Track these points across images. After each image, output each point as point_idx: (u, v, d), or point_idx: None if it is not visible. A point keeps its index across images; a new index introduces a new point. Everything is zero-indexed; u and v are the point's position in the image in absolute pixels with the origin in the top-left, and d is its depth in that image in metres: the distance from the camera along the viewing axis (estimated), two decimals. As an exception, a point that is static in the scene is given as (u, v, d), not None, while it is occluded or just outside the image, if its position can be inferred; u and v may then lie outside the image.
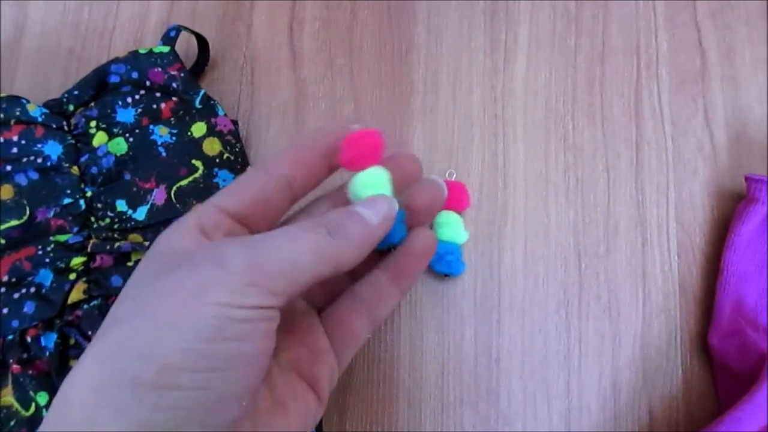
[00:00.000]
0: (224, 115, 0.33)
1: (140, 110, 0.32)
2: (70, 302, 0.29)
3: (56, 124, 0.31)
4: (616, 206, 0.34)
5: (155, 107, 0.32)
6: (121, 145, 0.31)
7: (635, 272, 0.33)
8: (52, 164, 0.30)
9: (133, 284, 0.20)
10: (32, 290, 0.29)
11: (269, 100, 0.35)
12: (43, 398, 0.28)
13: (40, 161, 0.30)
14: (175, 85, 0.32)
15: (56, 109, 0.32)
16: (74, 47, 0.36)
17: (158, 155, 0.31)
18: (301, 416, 0.22)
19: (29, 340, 0.28)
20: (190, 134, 0.32)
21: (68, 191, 0.30)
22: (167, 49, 0.33)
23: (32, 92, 0.33)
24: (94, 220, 0.30)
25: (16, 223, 0.29)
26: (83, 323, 0.29)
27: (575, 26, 0.37)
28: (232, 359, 0.18)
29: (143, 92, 0.32)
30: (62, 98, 0.32)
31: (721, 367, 0.31)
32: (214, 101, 0.33)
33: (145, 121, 0.32)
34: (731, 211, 0.33)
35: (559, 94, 0.36)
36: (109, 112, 0.32)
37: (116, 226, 0.30)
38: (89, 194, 0.31)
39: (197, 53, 0.35)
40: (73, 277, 0.29)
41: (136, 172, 0.31)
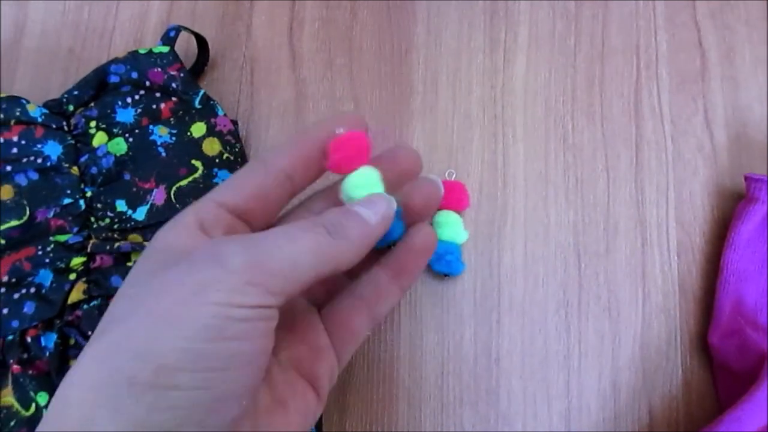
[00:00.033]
0: (224, 115, 0.33)
1: (140, 110, 0.32)
2: (70, 302, 0.29)
3: (56, 124, 0.31)
4: (615, 206, 0.34)
5: (155, 107, 0.32)
6: (120, 145, 0.31)
7: (635, 272, 0.33)
8: (52, 164, 0.30)
9: (131, 282, 0.20)
10: (32, 290, 0.29)
11: (269, 100, 0.36)
12: (43, 398, 0.28)
13: (40, 161, 0.30)
14: (174, 85, 0.32)
15: (56, 109, 0.32)
16: (74, 47, 0.36)
17: (158, 155, 0.31)
18: (301, 415, 0.22)
19: (29, 340, 0.28)
20: (189, 134, 0.32)
21: (68, 191, 0.30)
22: (167, 49, 0.33)
23: (32, 92, 0.33)
24: (93, 220, 0.30)
25: (16, 223, 0.29)
26: (83, 323, 0.29)
27: (575, 26, 0.37)
28: (231, 359, 0.18)
29: (143, 92, 0.32)
30: (62, 98, 0.32)
31: (721, 366, 0.31)
32: (213, 101, 0.33)
33: (144, 121, 0.32)
34: (731, 210, 0.33)
35: (558, 93, 0.36)
36: (108, 112, 0.32)
37: (116, 226, 0.30)
38: (89, 194, 0.31)
39: (197, 53, 0.35)
40: (73, 277, 0.29)
41: (135, 172, 0.31)
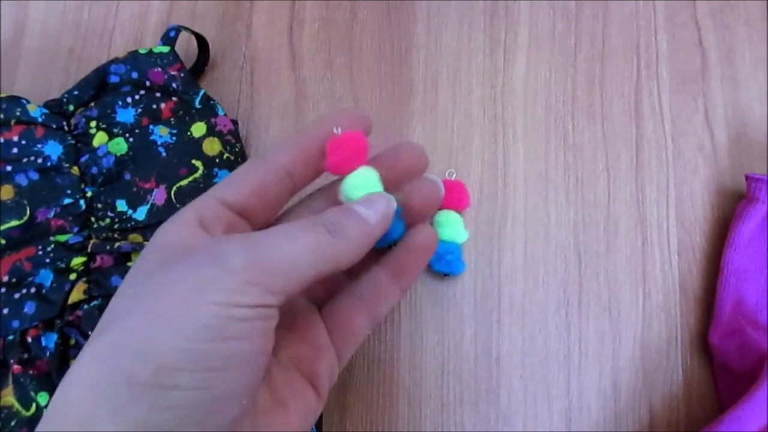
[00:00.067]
0: (224, 115, 0.33)
1: (140, 110, 0.32)
2: (70, 302, 0.29)
3: (56, 124, 0.31)
4: (616, 206, 0.34)
5: (155, 107, 0.32)
6: (121, 145, 0.31)
7: (635, 271, 0.33)
8: (52, 164, 0.30)
9: (131, 281, 0.20)
10: (32, 290, 0.29)
11: (269, 100, 0.36)
12: (43, 398, 0.28)
13: (40, 161, 0.30)
14: (175, 85, 0.32)
15: (56, 109, 0.32)
16: (74, 47, 0.36)
17: (158, 155, 0.31)
18: (301, 414, 0.22)
19: (30, 340, 0.28)
20: (190, 134, 0.32)
21: (68, 191, 0.30)
22: (167, 49, 0.33)
23: (32, 92, 0.33)
24: (94, 220, 0.30)
25: (16, 223, 0.29)
26: (83, 323, 0.29)
27: (575, 26, 0.37)
28: (231, 358, 0.18)
29: (143, 92, 0.32)
30: (62, 98, 0.32)
31: (721, 366, 0.31)
32: (213, 101, 0.33)
33: (145, 121, 0.32)
34: (731, 210, 0.33)
35: (559, 93, 0.36)
36: (109, 112, 0.32)
37: (116, 226, 0.30)
38: (89, 194, 0.31)
39: (197, 53, 0.35)
40: (73, 277, 0.29)
41: (136, 172, 0.31)
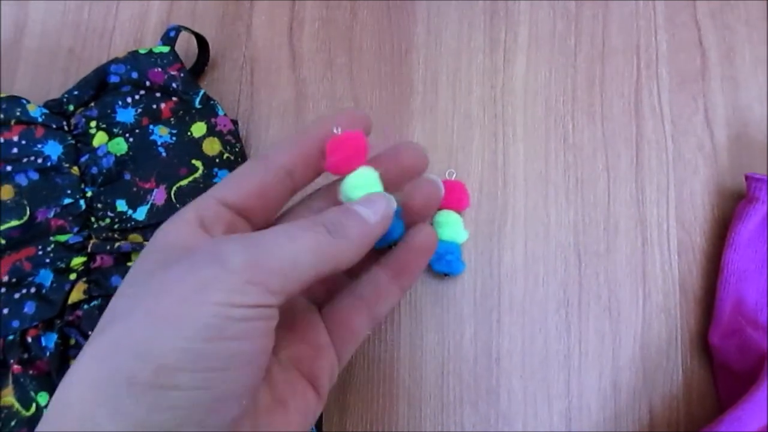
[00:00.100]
0: (224, 115, 0.33)
1: (140, 110, 0.32)
2: (70, 302, 0.29)
3: (56, 124, 0.31)
4: (616, 206, 0.34)
5: (155, 107, 0.32)
6: (121, 145, 0.31)
7: (635, 272, 0.33)
8: (52, 164, 0.30)
9: (131, 281, 0.20)
10: (32, 290, 0.29)
11: (269, 100, 0.36)
12: (43, 398, 0.28)
13: (40, 161, 0.30)
14: (175, 85, 0.32)
15: (56, 109, 0.32)
16: (74, 47, 0.36)
17: (158, 155, 0.31)
18: (301, 414, 0.22)
19: (30, 340, 0.28)
20: (190, 134, 0.32)
21: (68, 191, 0.30)
22: (167, 49, 0.33)
23: (32, 92, 0.33)
24: (94, 220, 0.30)
25: (16, 223, 0.29)
26: (83, 323, 0.29)
27: (575, 26, 0.37)
28: (231, 358, 0.18)
29: (143, 92, 0.32)
30: (62, 98, 0.32)
31: (721, 366, 0.31)
32: (213, 101, 0.33)
33: (145, 121, 0.32)
34: (731, 210, 0.33)
35: (559, 93, 0.36)
36: (109, 112, 0.32)
37: (116, 226, 0.30)
38: (89, 194, 0.31)
39: (197, 53, 0.35)
40: (73, 277, 0.29)
41: (136, 172, 0.31)
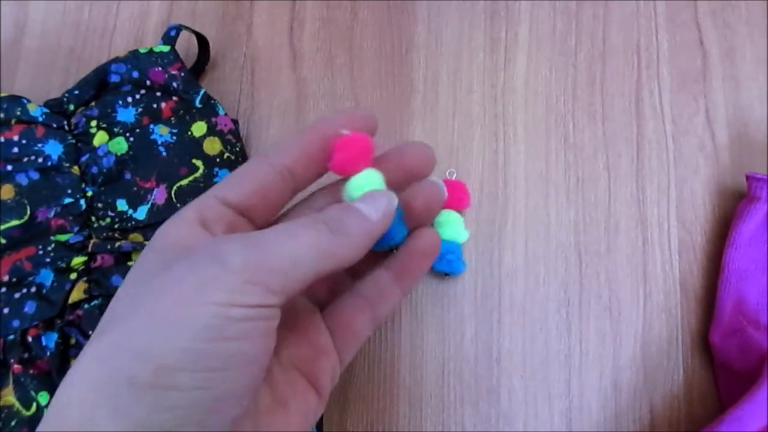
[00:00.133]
0: (224, 114, 0.33)
1: (141, 110, 0.32)
2: (70, 302, 0.29)
3: (57, 123, 0.31)
4: (616, 205, 0.34)
5: (156, 107, 0.32)
6: (121, 144, 0.31)
7: (636, 271, 0.33)
8: (52, 164, 0.30)
9: (131, 281, 0.20)
10: (33, 290, 0.29)
11: (270, 99, 0.35)
12: (44, 398, 0.28)
13: (40, 161, 0.30)
14: (175, 84, 0.32)
15: (57, 108, 0.32)
16: (75, 47, 0.36)
17: (159, 155, 0.31)
18: (302, 414, 0.22)
19: (30, 339, 0.28)
20: (190, 134, 0.32)
21: (69, 191, 0.30)
22: (167, 48, 0.33)
23: (33, 92, 0.33)
24: (94, 219, 0.30)
25: (16, 222, 0.29)
26: (84, 323, 0.29)
27: (576, 25, 0.37)
28: (231, 359, 0.18)
29: (144, 92, 0.32)
30: (63, 98, 0.32)
31: (722, 366, 0.31)
32: (214, 101, 0.33)
33: (145, 120, 0.32)
34: (732, 209, 0.33)
35: (559, 93, 0.36)
36: (109, 111, 0.32)
37: (117, 225, 0.30)
38: (90, 194, 0.31)
39: (197, 53, 0.35)
40: (73, 276, 0.29)
41: (136, 171, 0.31)
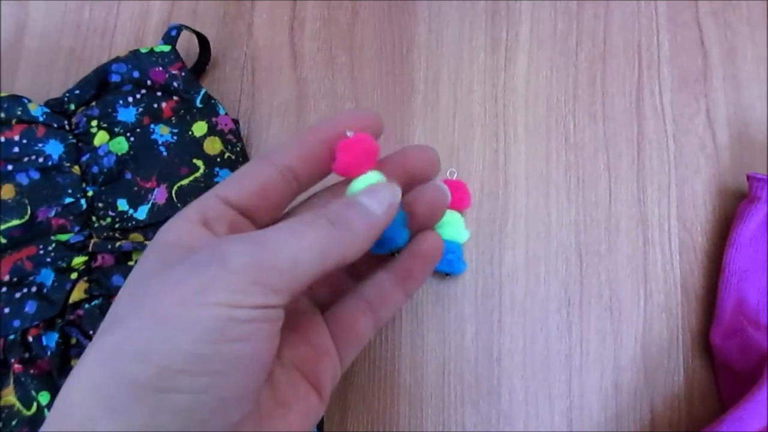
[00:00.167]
0: (225, 114, 0.33)
1: (141, 109, 0.32)
2: (71, 302, 0.29)
3: (57, 123, 0.31)
4: (617, 205, 0.34)
5: (156, 106, 0.32)
6: (122, 144, 0.31)
7: (637, 271, 0.33)
8: (53, 164, 0.30)
9: (133, 281, 0.20)
10: (33, 290, 0.29)
11: (270, 99, 0.35)
12: (44, 398, 0.28)
13: (41, 161, 0.30)
14: (176, 84, 0.32)
15: (57, 108, 0.32)
16: (75, 47, 0.36)
17: (159, 154, 0.31)
18: (303, 416, 0.22)
19: (31, 339, 0.28)
20: (191, 133, 0.32)
21: (69, 191, 0.30)
22: (168, 48, 0.33)
23: (33, 92, 0.33)
24: (95, 219, 0.30)
25: (17, 222, 0.29)
26: (84, 323, 0.29)
27: (576, 25, 0.37)
28: (234, 361, 0.18)
29: (144, 91, 0.32)
30: (63, 98, 0.32)
31: (722, 366, 0.31)
32: (215, 100, 0.33)
33: (146, 120, 0.32)
34: (733, 209, 0.33)
35: (560, 93, 0.35)
36: (110, 111, 0.32)
37: (117, 225, 0.30)
38: (90, 194, 0.31)
39: (198, 52, 0.35)
40: (74, 276, 0.29)
41: (137, 171, 0.31)
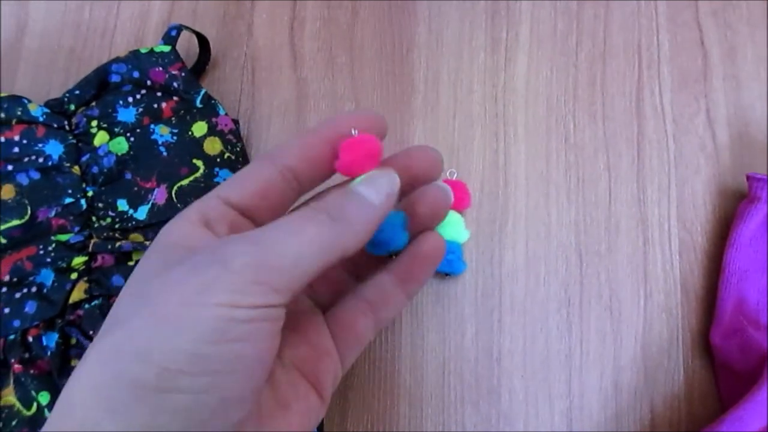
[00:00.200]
0: (225, 114, 0.33)
1: (141, 110, 0.32)
2: (71, 302, 0.29)
3: (57, 123, 0.31)
4: (617, 205, 0.34)
5: (156, 107, 0.32)
6: (122, 144, 0.31)
7: (637, 271, 0.33)
8: (53, 164, 0.30)
9: (134, 282, 0.20)
10: (33, 290, 0.29)
11: (270, 99, 0.35)
12: (44, 398, 0.28)
13: (41, 161, 0.30)
14: (176, 84, 0.32)
15: (57, 108, 0.32)
16: (75, 47, 0.36)
17: (159, 155, 0.31)
18: (303, 416, 0.22)
19: (31, 339, 0.28)
20: (191, 134, 0.32)
21: (69, 191, 0.30)
22: (168, 48, 0.33)
23: (33, 92, 0.33)
24: (95, 219, 0.30)
25: (17, 222, 0.29)
26: (84, 323, 0.29)
27: (576, 25, 0.37)
28: (235, 361, 0.18)
29: (144, 92, 0.32)
30: (63, 98, 0.32)
31: (722, 366, 0.31)
32: (214, 100, 0.33)
33: (146, 120, 0.32)
34: (733, 209, 0.33)
35: (560, 93, 0.35)
36: (110, 111, 0.32)
37: (117, 225, 0.30)
38: (90, 194, 0.31)
39: (198, 52, 0.35)
40: (74, 276, 0.29)
41: (137, 171, 0.31)
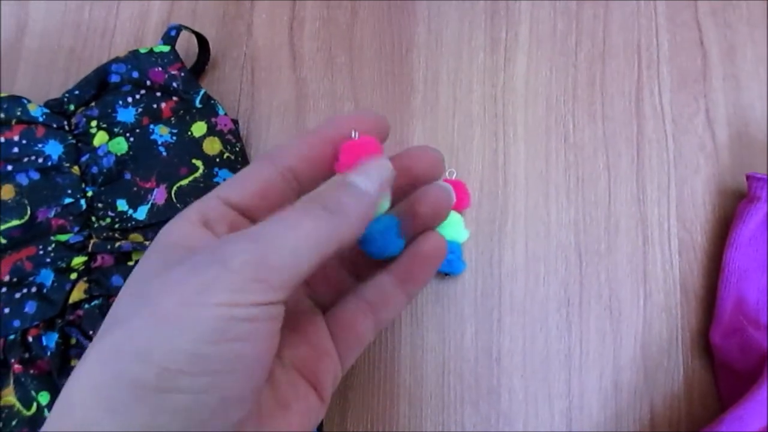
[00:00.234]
0: (224, 114, 0.33)
1: (141, 110, 0.32)
2: (71, 302, 0.29)
3: (57, 123, 0.31)
4: (617, 205, 0.34)
5: (156, 107, 0.32)
6: (121, 144, 0.31)
7: (636, 271, 0.33)
8: (52, 164, 0.30)
9: (133, 281, 0.20)
10: (33, 290, 0.29)
11: (269, 99, 0.35)
12: (44, 398, 0.28)
13: (41, 161, 0.30)
14: (175, 84, 0.32)
15: (57, 108, 0.32)
16: (75, 47, 0.36)
17: (159, 155, 0.31)
18: (303, 416, 0.22)
19: (30, 339, 0.28)
20: (190, 134, 0.32)
21: (69, 191, 0.30)
22: (168, 48, 0.33)
23: (33, 92, 0.33)
24: (94, 219, 0.30)
25: (17, 222, 0.29)
26: (84, 323, 0.29)
27: (576, 25, 0.37)
28: (235, 360, 0.18)
29: (144, 92, 0.32)
30: (63, 98, 0.32)
31: (722, 365, 0.31)
32: (214, 101, 0.33)
33: (145, 120, 0.32)
34: (732, 209, 0.33)
35: (559, 92, 0.36)
36: (109, 111, 0.32)
37: (117, 225, 0.30)
38: (90, 194, 0.31)
39: (197, 52, 0.35)
40: (74, 276, 0.29)
41: (136, 171, 0.31)
